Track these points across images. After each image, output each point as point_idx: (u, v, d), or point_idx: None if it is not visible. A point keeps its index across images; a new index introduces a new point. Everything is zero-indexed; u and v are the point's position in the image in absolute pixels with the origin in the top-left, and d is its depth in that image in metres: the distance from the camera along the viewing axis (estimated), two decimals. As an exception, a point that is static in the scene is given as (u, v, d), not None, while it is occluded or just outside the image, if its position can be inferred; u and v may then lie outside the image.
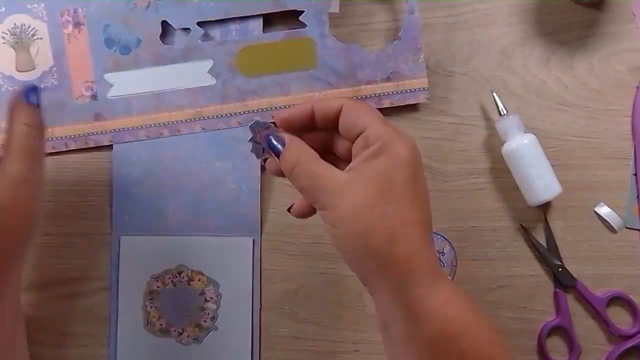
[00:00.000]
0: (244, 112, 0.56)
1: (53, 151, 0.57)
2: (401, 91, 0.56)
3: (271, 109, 0.56)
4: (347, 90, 0.56)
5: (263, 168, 0.56)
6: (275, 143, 0.42)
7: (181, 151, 0.56)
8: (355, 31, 0.57)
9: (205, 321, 0.56)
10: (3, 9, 0.56)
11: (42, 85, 0.56)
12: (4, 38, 0.56)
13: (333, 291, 0.57)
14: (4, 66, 0.56)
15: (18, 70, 0.56)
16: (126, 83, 0.56)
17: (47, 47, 0.56)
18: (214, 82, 0.56)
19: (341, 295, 0.57)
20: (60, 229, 0.57)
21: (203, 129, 0.56)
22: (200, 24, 0.55)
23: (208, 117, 0.56)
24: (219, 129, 0.56)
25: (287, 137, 0.42)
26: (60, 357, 0.57)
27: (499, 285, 0.57)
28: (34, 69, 0.56)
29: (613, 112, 0.57)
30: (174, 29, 0.56)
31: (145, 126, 0.56)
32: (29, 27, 0.56)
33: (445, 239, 0.56)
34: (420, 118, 0.57)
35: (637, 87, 0.57)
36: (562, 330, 0.57)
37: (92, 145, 0.57)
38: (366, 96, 0.56)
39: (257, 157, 0.44)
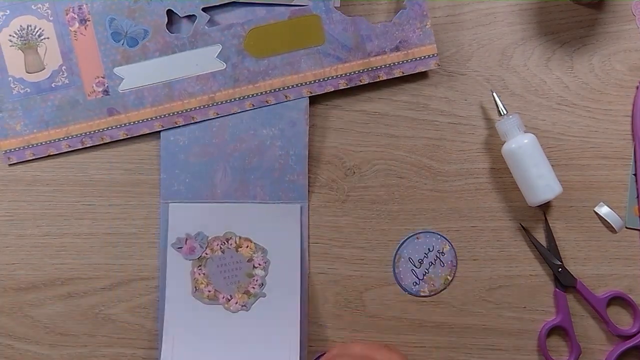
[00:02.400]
0: (257, 94, 0.56)
1: (70, 149, 0.57)
2: (411, 59, 0.56)
3: (283, 88, 0.56)
4: (357, 63, 0.56)
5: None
6: None
7: (228, 118, 0.56)
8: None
9: (253, 288, 0.55)
10: (7, 11, 0.56)
11: (53, 85, 0.56)
12: (11, 41, 0.56)
13: (333, 291, 0.57)
14: (13, 69, 0.56)
15: (28, 72, 0.56)
16: (136, 75, 0.56)
17: (55, 46, 0.56)
18: (224, 66, 0.56)
19: (341, 295, 0.57)
20: (60, 229, 0.57)
21: (217, 114, 0.56)
22: (205, 9, 0.55)
23: (221, 102, 0.56)
24: (233, 113, 0.56)
25: None
26: (60, 357, 0.57)
27: (499, 285, 0.57)
28: (43, 69, 0.56)
29: (613, 112, 0.57)
30: (180, 17, 0.56)
31: (160, 117, 0.56)
32: (35, 27, 0.56)
33: (446, 239, 0.56)
34: (420, 118, 0.57)
35: (637, 87, 0.57)
36: (562, 330, 0.57)
37: (108, 141, 0.57)
38: (376, 67, 0.56)
39: None
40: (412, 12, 0.56)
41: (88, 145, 0.57)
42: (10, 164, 0.57)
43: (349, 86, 0.56)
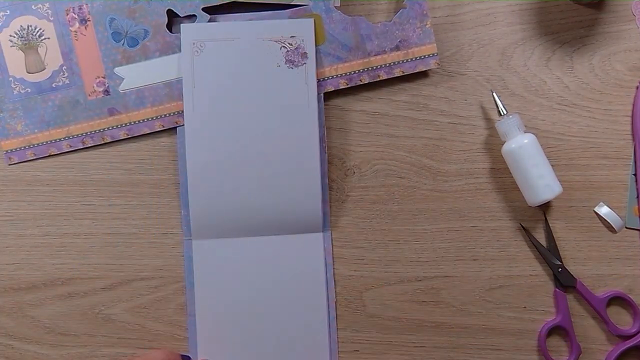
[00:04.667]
0: None
1: (71, 149, 0.57)
2: (411, 59, 0.56)
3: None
4: (357, 63, 0.56)
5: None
6: None
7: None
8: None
9: None
10: (8, 12, 0.56)
11: (53, 85, 0.56)
12: (11, 41, 0.56)
13: (333, 291, 0.57)
14: (14, 69, 0.56)
15: (28, 72, 0.56)
16: (137, 75, 0.56)
17: (56, 46, 0.56)
18: None
19: (341, 295, 0.57)
20: (60, 229, 0.57)
21: None
22: (205, 9, 0.55)
23: None
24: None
25: None
26: (60, 357, 0.57)
27: (499, 285, 0.57)
28: (44, 69, 0.56)
29: (613, 112, 0.57)
30: (180, 17, 0.56)
31: (160, 116, 0.56)
32: (35, 28, 0.56)
33: None
34: (420, 118, 0.57)
35: (637, 87, 0.57)
36: (562, 330, 0.57)
37: (109, 141, 0.57)
38: (376, 67, 0.56)
39: None
40: (412, 12, 0.56)
41: (89, 145, 0.57)
42: (10, 164, 0.57)
43: (349, 86, 0.56)
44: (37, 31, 0.56)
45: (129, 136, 0.57)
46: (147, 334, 0.57)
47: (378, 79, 0.56)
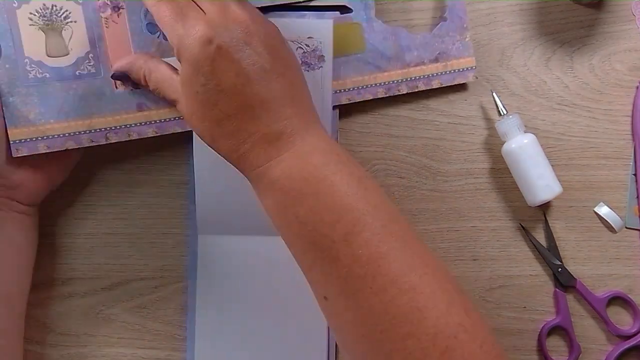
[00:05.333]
0: None
1: (93, 144, 0.52)
2: (450, 71, 0.56)
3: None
4: (396, 73, 0.55)
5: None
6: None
7: None
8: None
9: None
10: None
11: (77, 73, 0.51)
12: (31, 19, 0.50)
13: (333, 291, 0.57)
14: (32, 50, 0.50)
15: (49, 56, 0.51)
16: None
17: (83, 31, 0.51)
18: None
19: (341, 295, 0.57)
20: (60, 228, 0.57)
21: None
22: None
23: None
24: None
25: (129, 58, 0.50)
26: (60, 357, 0.57)
27: (499, 285, 0.57)
28: (67, 54, 0.51)
29: (613, 112, 0.57)
30: None
31: None
32: (60, 8, 0.51)
33: None
34: (420, 118, 0.57)
35: (637, 87, 0.57)
36: (562, 330, 0.57)
37: (135, 137, 0.53)
38: (415, 77, 0.56)
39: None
40: (452, 25, 0.55)
41: (113, 141, 0.53)
42: (17, 157, 0.52)
43: (387, 95, 0.56)
44: (63, 12, 0.51)
45: (158, 134, 0.53)
46: (147, 334, 0.57)
47: (416, 90, 0.56)
